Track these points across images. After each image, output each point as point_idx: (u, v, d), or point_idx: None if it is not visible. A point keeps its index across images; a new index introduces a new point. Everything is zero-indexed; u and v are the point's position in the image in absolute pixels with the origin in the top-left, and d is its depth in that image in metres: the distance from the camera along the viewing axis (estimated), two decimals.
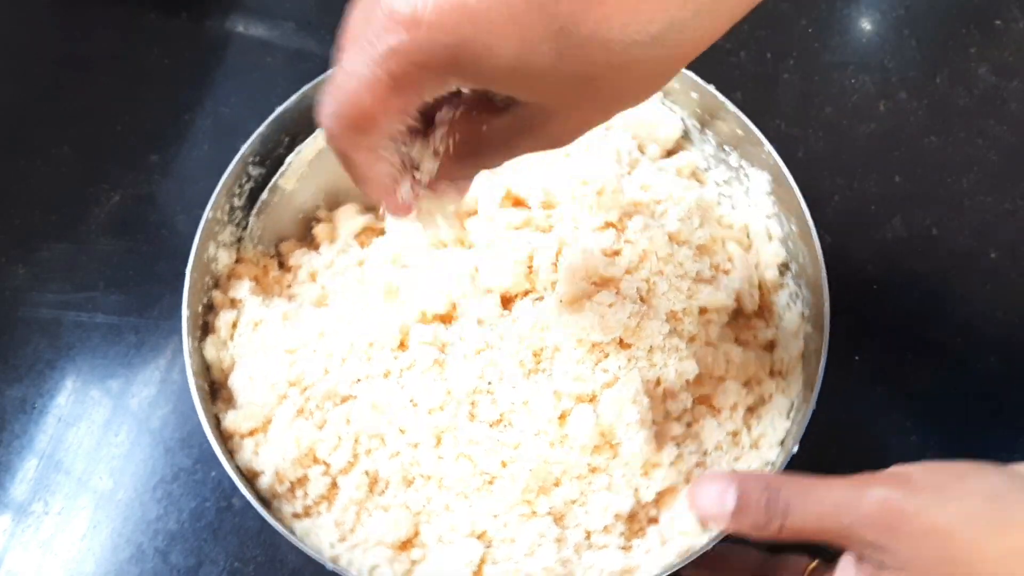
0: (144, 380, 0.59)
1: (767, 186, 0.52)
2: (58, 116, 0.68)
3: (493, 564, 0.44)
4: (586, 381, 0.43)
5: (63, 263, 0.63)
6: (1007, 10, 0.74)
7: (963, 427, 0.59)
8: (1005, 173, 0.67)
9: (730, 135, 0.54)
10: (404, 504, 0.44)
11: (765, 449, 0.47)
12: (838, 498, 0.37)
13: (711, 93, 0.52)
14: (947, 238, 0.65)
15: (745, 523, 0.39)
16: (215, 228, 0.50)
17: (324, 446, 0.45)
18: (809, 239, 0.49)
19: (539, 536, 0.43)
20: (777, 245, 0.53)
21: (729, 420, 0.48)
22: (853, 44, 0.73)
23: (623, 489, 0.44)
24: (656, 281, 0.47)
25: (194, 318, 0.48)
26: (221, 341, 0.50)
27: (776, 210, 0.53)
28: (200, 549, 0.55)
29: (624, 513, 0.44)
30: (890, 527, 0.36)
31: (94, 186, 0.65)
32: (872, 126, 0.69)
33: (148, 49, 0.71)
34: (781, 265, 0.53)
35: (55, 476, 0.57)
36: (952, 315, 0.63)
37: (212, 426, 0.46)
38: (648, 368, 0.45)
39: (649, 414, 0.44)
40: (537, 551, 0.43)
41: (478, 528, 0.44)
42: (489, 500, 0.44)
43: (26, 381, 0.59)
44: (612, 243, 0.47)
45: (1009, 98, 0.70)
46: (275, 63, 0.70)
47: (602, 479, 0.44)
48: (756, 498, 0.39)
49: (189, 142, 0.67)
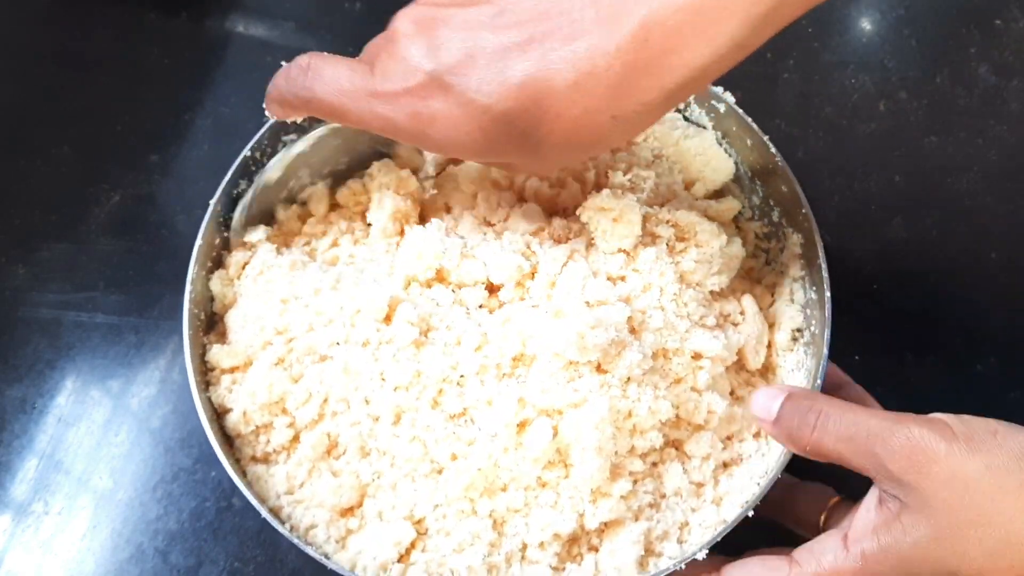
0: (144, 380, 0.59)
1: (798, 248, 0.52)
2: (58, 116, 0.68)
3: (422, 552, 0.44)
4: (553, 395, 0.43)
5: (63, 263, 0.63)
6: (1007, 10, 0.74)
7: None
8: (1005, 173, 0.67)
9: (776, 190, 0.53)
10: (355, 472, 0.45)
11: (726, 507, 0.46)
12: (873, 426, 0.38)
13: (765, 143, 0.52)
14: (947, 238, 0.65)
15: (783, 430, 0.41)
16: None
17: (294, 399, 0.45)
18: (823, 307, 0.48)
19: (473, 536, 0.43)
20: (796, 309, 0.52)
21: (697, 470, 0.47)
22: (853, 44, 0.73)
23: (568, 510, 0.44)
24: (652, 315, 0.46)
25: (207, 249, 0.50)
26: (229, 278, 0.51)
27: (803, 274, 0.52)
28: (200, 549, 0.55)
29: (564, 535, 0.44)
30: (916, 465, 0.36)
31: (94, 186, 0.65)
32: (872, 126, 0.69)
33: (148, 49, 0.71)
34: (795, 330, 0.52)
35: (55, 476, 0.57)
36: (952, 315, 0.63)
37: (195, 356, 0.47)
38: (620, 398, 0.44)
39: (611, 443, 0.43)
40: (468, 549, 0.43)
41: (417, 513, 0.44)
42: (434, 489, 0.44)
43: (26, 381, 0.59)
44: (619, 268, 0.47)
45: (1009, 98, 0.70)
46: (275, 63, 0.69)
47: (549, 495, 0.44)
48: (797, 406, 0.40)
49: (189, 142, 0.67)
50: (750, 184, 0.55)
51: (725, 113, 0.54)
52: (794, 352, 0.51)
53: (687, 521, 0.46)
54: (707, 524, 0.46)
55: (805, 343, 0.51)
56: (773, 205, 0.54)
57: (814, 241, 0.50)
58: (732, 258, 0.51)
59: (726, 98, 0.53)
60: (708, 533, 0.45)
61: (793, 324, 0.51)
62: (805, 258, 0.52)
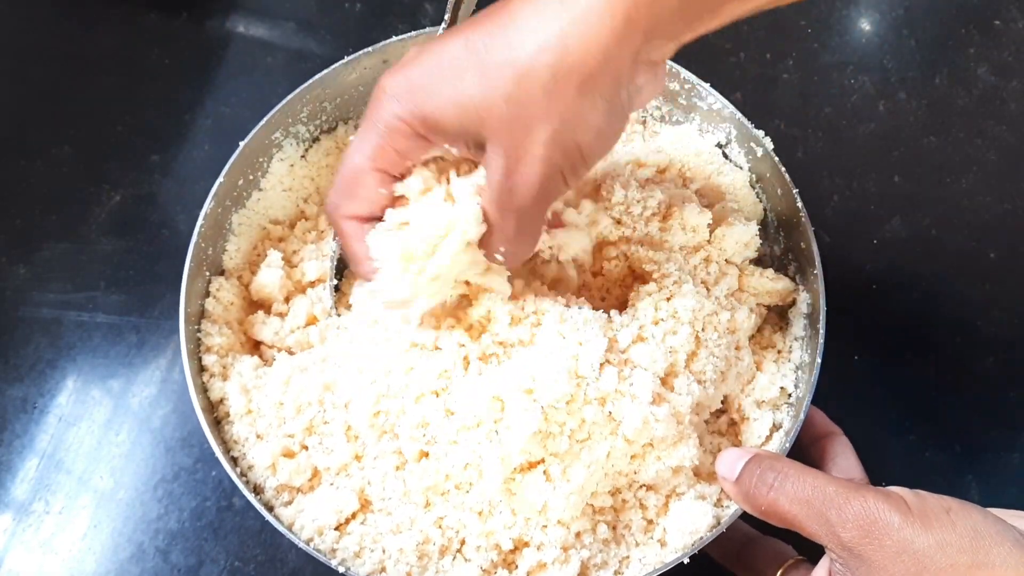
0: (145, 380, 0.59)
1: (805, 307, 0.52)
2: (59, 116, 0.68)
3: (360, 524, 0.46)
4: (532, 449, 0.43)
5: (64, 263, 0.63)
6: (1006, 10, 0.74)
7: (963, 427, 0.59)
8: (1004, 173, 0.67)
9: (796, 244, 0.53)
10: (333, 440, 0.47)
11: (670, 550, 0.46)
12: (830, 492, 0.38)
13: (794, 196, 0.52)
14: (946, 238, 0.65)
15: (742, 489, 0.41)
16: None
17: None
18: (811, 371, 0.48)
19: (410, 520, 0.45)
20: (790, 369, 0.52)
21: (653, 508, 0.47)
22: (852, 44, 0.73)
23: (517, 528, 0.45)
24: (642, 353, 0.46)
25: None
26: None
27: (804, 335, 0.52)
28: (201, 548, 0.55)
29: (503, 548, 0.45)
30: (868, 535, 0.36)
31: (95, 186, 0.65)
32: (871, 126, 0.69)
33: (149, 49, 0.71)
34: (783, 390, 0.51)
35: (56, 476, 0.57)
36: (952, 315, 0.63)
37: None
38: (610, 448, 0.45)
39: (597, 485, 0.45)
40: (404, 532, 0.45)
41: (365, 491, 0.46)
42: (386, 470, 0.45)
43: (27, 381, 0.59)
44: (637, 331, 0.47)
45: (1008, 98, 0.70)
46: (275, 63, 0.70)
47: (504, 512, 0.45)
48: (758, 466, 0.41)
49: (190, 142, 0.67)
50: (774, 233, 0.55)
51: (761, 157, 0.54)
52: (776, 412, 0.51)
53: (628, 555, 0.47)
54: (647, 562, 0.46)
55: (789, 403, 0.51)
56: (791, 259, 0.54)
57: (819, 307, 0.50)
58: (738, 330, 0.51)
59: (765, 143, 0.54)
60: (645, 569, 0.45)
61: (784, 383, 0.51)
62: (809, 319, 0.51)
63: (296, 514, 0.46)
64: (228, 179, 0.52)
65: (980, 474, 0.57)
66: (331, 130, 0.58)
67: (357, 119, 0.58)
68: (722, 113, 0.55)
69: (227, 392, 0.49)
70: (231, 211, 0.54)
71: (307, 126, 0.56)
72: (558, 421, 0.43)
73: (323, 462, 0.46)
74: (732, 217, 0.52)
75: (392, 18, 0.73)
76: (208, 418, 0.47)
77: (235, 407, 0.48)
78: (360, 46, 0.54)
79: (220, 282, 0.52)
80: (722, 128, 0.56)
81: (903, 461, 0.58)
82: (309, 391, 0.48)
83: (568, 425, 0.43)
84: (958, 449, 0.58)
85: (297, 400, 0.48)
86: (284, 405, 0.48)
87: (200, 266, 0.51)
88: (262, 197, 0.55)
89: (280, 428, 0.48)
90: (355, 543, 0.45)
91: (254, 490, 0.46)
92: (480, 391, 0.43)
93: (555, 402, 0.42)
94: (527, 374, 0.42)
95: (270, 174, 0.55)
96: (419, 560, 0.44)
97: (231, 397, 0.48)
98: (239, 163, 0.52)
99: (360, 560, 0.44)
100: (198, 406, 0.46)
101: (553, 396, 0.42)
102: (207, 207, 0.50)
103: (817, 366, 0.48)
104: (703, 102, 0.56)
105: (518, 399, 0.42)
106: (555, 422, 0.43)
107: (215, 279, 0.52)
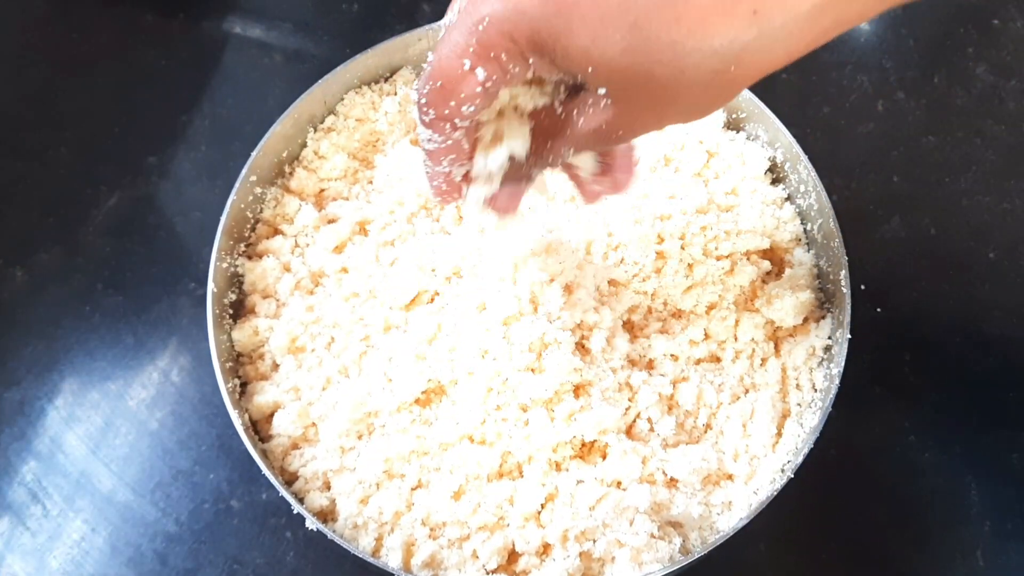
0: (143, 382, 0.59)
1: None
2: (55, 118, 0.68)
3: (368, 434, 0.49)
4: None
5: (61, 265, 0.63)
6: (1005, 10, 0.74)
7: (962, 427, 0.59)
8: (1003, 173, 0.67)
9: (834, 290, 0.54)
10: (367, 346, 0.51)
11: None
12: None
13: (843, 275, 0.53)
14: (946, 238, 0.65)
15: None
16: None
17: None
18: (826, 401, 0.49)
19: (407, 430, 0.48)
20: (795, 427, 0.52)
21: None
22: (851, 44, 0.73)
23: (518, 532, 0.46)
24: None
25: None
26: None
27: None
28: (199, 551, 0.54)
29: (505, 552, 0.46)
30: None
31: (92, 188, 0.65)
32: (870, 126, 0.69)
33: (146, 50, 0.70)
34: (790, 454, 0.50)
35: (53, 478, 0.56)
36: (952, 315, 0.63)
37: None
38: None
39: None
40: (399, 443, 0.47)
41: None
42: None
43: (25, 383, 0.59)
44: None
45: (1007, 97, 0.70)
46: (273, 64, 0.70)
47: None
48: None
49: (187, 144, 0.67)
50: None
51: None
52: (780, 440, 0.51)
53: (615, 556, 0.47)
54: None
55: (796, 437, 0.51)
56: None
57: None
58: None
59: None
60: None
61: (790, 454, 0.50)
62: (826, 363, 0.53)
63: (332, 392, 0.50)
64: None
65: (980, 474, 0.57)
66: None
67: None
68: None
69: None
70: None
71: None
72: None
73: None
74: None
75: (389, 18, 0.73)
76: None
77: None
78: (358, 47, 0.54)
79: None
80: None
81: (903, 461, 0.58)
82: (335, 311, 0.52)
83: None
84: (958, 449, 0.58)
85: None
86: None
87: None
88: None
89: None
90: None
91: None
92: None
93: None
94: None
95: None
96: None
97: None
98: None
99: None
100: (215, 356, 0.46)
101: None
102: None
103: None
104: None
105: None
106: None
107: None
